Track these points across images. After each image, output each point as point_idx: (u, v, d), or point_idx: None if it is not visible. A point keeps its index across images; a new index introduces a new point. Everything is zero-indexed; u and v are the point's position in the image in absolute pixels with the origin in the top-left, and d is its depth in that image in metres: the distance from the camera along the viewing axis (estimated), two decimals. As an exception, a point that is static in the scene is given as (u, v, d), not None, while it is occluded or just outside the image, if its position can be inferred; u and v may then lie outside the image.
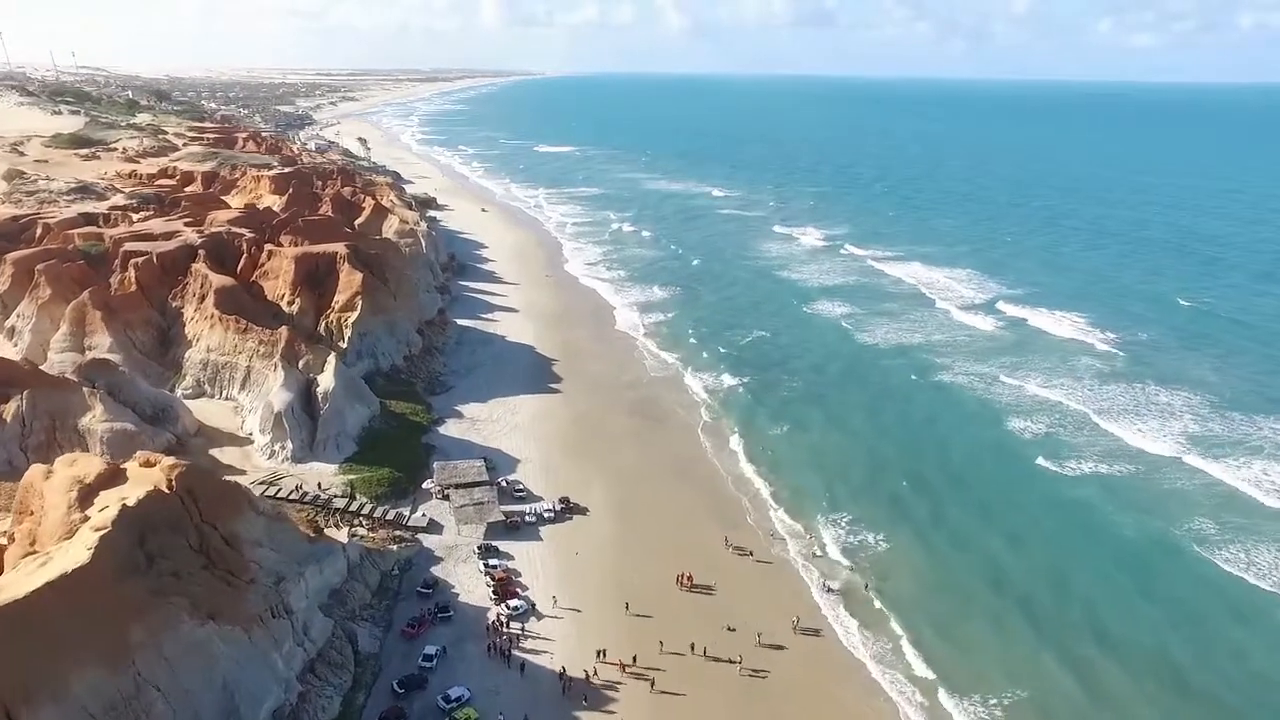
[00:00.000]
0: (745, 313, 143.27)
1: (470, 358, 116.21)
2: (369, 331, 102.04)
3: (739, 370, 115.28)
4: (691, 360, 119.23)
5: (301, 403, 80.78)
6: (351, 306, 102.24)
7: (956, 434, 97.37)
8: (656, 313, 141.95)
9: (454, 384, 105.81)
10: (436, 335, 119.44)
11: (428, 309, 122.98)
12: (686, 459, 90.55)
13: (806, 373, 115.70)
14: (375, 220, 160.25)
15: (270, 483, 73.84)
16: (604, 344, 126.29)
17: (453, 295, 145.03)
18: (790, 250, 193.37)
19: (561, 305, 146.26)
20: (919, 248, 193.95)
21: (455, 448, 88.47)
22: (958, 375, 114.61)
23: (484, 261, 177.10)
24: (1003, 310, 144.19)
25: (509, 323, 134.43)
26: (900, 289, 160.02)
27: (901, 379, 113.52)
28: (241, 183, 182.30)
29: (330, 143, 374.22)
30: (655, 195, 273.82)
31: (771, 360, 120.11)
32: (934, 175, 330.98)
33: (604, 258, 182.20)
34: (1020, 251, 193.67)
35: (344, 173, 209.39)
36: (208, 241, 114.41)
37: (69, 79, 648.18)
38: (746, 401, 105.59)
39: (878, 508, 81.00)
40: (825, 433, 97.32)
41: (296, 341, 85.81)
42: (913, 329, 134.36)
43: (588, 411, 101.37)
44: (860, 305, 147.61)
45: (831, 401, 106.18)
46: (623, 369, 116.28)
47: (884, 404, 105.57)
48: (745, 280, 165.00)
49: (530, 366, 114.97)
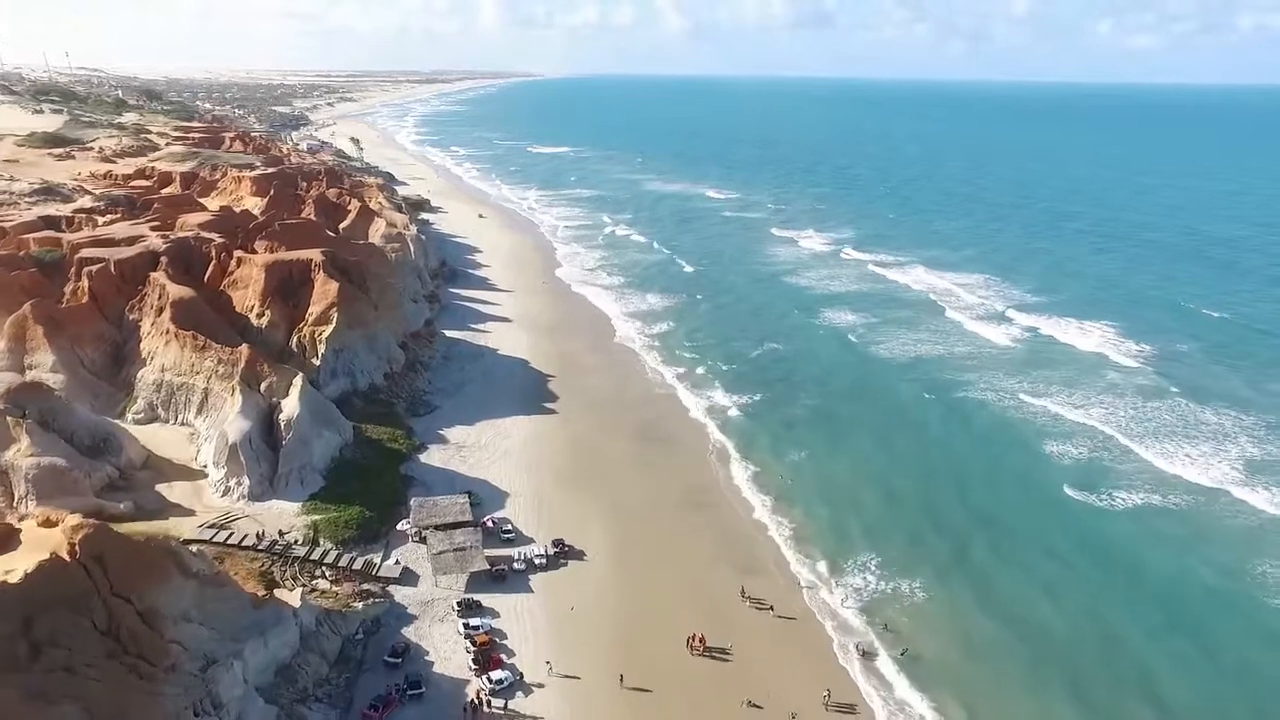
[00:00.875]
0: (749, 322, 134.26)
1: (458, 374, 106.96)
2: (345, 347, 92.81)
3: (747, 386, 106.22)
4: (696, 375, 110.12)
5: (261, 432, 71.56)
6: (326, 319, 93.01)
7: (979, 461, 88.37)
8: (658, 322, 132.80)
9: (439, 404, 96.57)
10: (422, 349, 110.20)
11: (413, 320, 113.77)
12: (694, 489, 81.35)
13: (817, 389, 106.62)
14: (361, 224, 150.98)
15: (221, 525, 64.61)
16: (603, 357, 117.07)
17: (442, 304, 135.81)
18: (792, 254, 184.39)
19: (558, 314, 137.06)
20: (923, 251, 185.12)
21: (437, 479, 79.25)
22: (975, 392, 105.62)
23: (477, 267, 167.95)
24: (1015, 320, 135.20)
25: (502, 334, 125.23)
26: (908, 296, 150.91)
27: (916, 397, 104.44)
28: (222, 184, 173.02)
29: (323, 143, 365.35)
30: (655, 197, 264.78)
31: (780, 375, 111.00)
32: (934, 176, 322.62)
33: (602, 263, 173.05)
34: (1026, 255, 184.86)
35: (331, 174, 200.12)
36: (173, 248, 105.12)
37: (63, 79, 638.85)
38: (757, 422, 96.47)
39: (903, 548, 72.04)
40: (841, 458, 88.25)
41: (259, 361, 76.54)
42: (925, 341, 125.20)
43: (586, 434, 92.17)
44: (868, 314, 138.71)
45: (845, 422, 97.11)
46: (623, 385, 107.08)
47: (900, 425, 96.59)
48: (748, 287, 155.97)
49: (523, 383, 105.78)
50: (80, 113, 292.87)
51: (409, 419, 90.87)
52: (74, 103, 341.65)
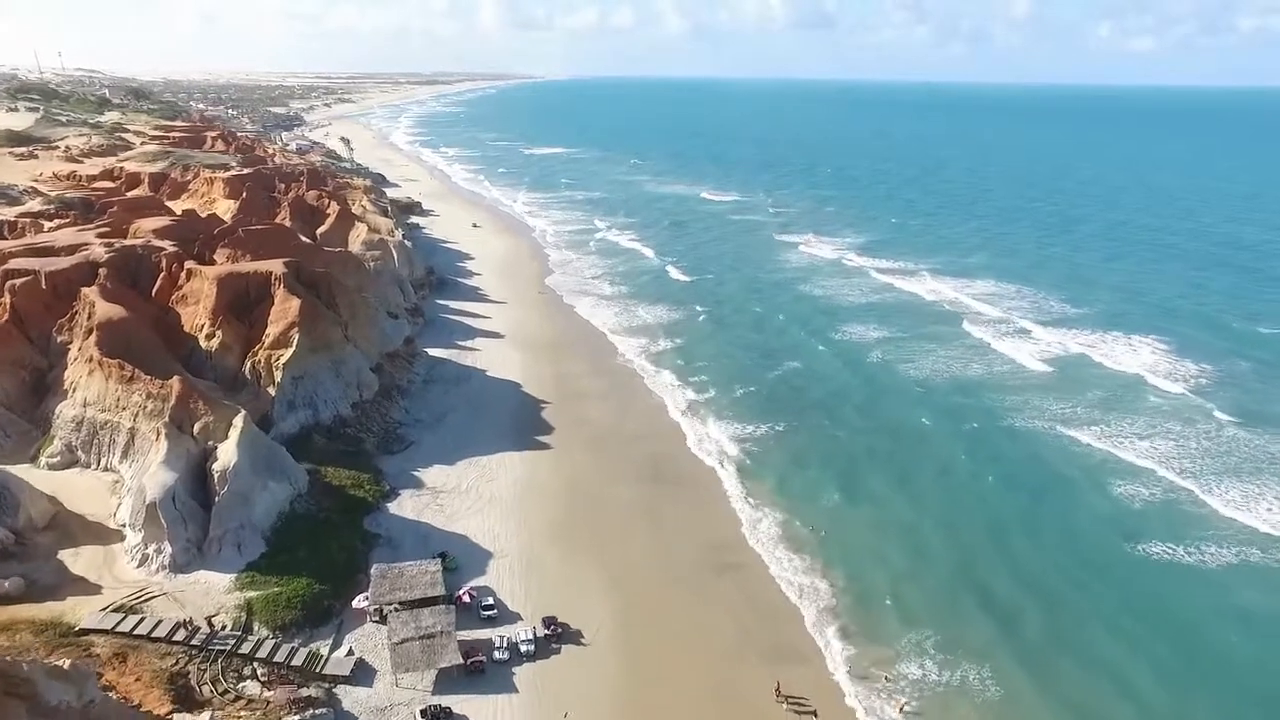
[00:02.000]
0: (757, 338, 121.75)
1: (440, 400, 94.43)
2: (307, 374, 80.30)
3: (762, 414, 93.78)
4: (706, 402, 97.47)
5: (190, 486, 59.08)
6: (285, 342, 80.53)
7: (1028, 508, 76.27)
8: (661, 338, 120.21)
9: (416, 438, 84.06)
10: (400, 372, 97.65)
11: (391, 338, 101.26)
12: (712, 546, 68.86)
13: (840, 418, 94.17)
14: (340, 229, 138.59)
15: (130, 608, 52.09)
16: (603, 380, 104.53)
17: (426, 319, 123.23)
18: (796, 261, 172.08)
19: (554, 329, 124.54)
20: (931, 257, 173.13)
21: (407, 535, 66.79)
22: (1011, 421, 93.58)
23: (468, 275, 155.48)
24: (1039, 336, 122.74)
25: (492, 352, 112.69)
26: (922, 308, 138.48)
27: (948, 429, 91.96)
28: (194, 186, 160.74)
29: (313, 144, 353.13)
30: (655, 199, 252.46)
31: (798, 401, 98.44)
32: (935, 178, 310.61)
33: (601, 271, 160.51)
34: (1040, 261, 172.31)
35: (314, 175, 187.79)
36: (116, 258, 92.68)
37: (57, 79, 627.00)
38: (777, 458, 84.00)
39: (965, 623, 60.04)
40: (877, 504, 76.04)
41: (192, 396, 64.00)
42: (948, 361, 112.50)
43: (584, 475, 79.66)
44: (884, 328, 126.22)
45: (876, 459, 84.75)
46: (626, 413, 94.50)
47: (935, 462, 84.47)
48: (752, 298, 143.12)
49: (514, 411, 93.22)
50: (58, 111, 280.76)
51: (379, 457, 78.39)
52: (55, 101, 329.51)
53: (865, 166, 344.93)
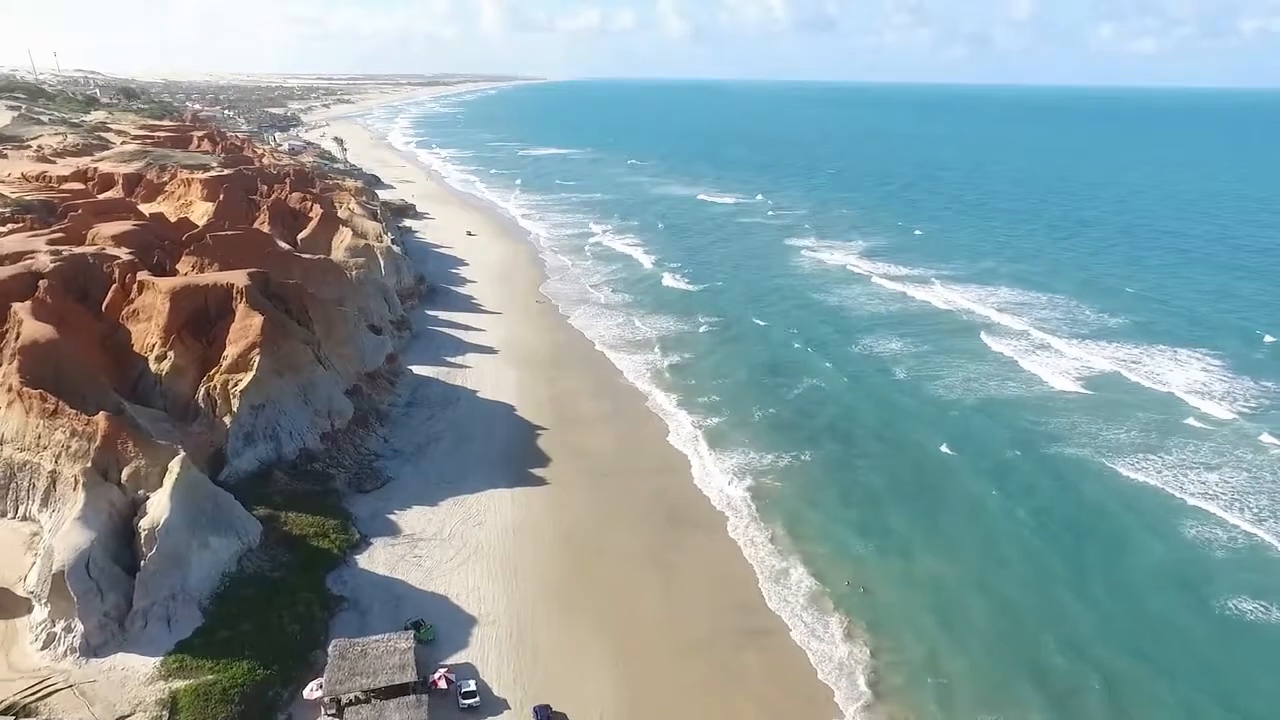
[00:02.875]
0: (768, 353, 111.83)
1: (424, 427, 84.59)
2: (269, 401, 70.57)
3: (778, 441, 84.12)
4: (717, 427, 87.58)
5: (113, 546, 49.36)
6: (244, 365, 70.81)
7: (1078, 557, 67.03)
8: (665, 353, 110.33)
9: (394, 473, 74.29)
10: (380, 394, 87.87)
11: (371, 356, 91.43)
12: (733, 609, 59.07)
13: (859, 444, 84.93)
14: (323, 234, 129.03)
15: (21, 709, 42.31)
16: (605, 402, 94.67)
17: (414, 332, 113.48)
18: (801, 268, 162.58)
19: (551, 343, 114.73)
20: (942, 264, 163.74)
21: (376, 598, 57.02)
22: (1046, 451, 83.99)
23: (461, 283, 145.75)
24: (1063, 350, 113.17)
25: (484, 369, 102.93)
26: (938, 320, 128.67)
27: (977, 459, 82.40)
28: (170, 187, 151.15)
29: (308, 144, 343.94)
30: (657, 202, 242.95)
31: (815, 425, 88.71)
32: (939, 179, 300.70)
33: (603, 279, 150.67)
34: (1055, 267, 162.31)
35: (301, 176, 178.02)
36: (64, 267, 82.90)
37: (52, 79, 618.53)
38: (796, 494, 74.37)
39: (1019, 707, 50.24)
40: (908, 551, 66.84)
41: (121, 435, 54.23)
42: (970, 381, 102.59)
43: (584, 517, 69.87)
44: (900, 343, 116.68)
45: (903, 494, 75.52)
46: (629, 441, 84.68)
47: (968, 500, 75.13)
48: (760, 308, 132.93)
49: (506, 440, 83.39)
50: (41, 110, 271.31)
51: (351, 497, 68.64)
52: (42, 100, 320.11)
53: (867, 167, 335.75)
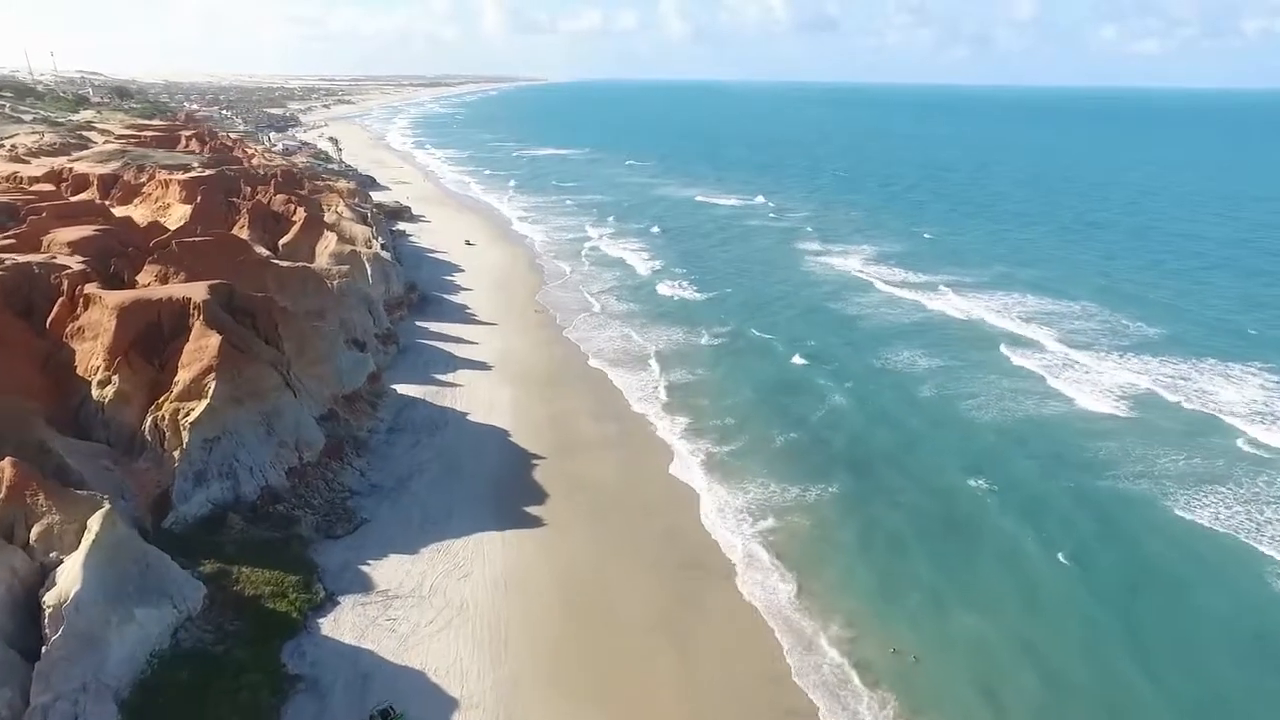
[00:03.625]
0: (776, 370, 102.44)
1: (408, 456, 75.98)
2: (226, 433, 62.01)
3: (801, 474, 74.92)
4: (731, 456, 78.54)
5: (9, 627, 40.73)
6: (198, 392, 62.27)
7: (1138, 620, 56.66)
8: (672, 369, 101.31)
9: (371, 513, 65.66)
10: (359, 419, 79.28)
11: (350, 376, 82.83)
12: (759, 677, 50.36)
13: (880, 478, 75.20)
14: (306, 239, 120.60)
15: None
16: (608, 426, 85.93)
17: (401, 346, 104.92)
18: (808, 275, 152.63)
19: (550, 357, 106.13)
20: (953, 269, 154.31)
21: (340, 677, 48.28)
22: (1086, 485, 74.05)
23: (455, 291, 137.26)
24: (1090, 366, 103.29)
25: (477, 388, 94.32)
26: (954, 332, 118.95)
27: (1011, 495, 72.11)
28: (148, 188, 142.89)
29: (303, 144, 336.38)
30: (660, 203, 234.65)
31: (830, 454, 79.19)
32: (942, 180, 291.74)
33: (605, 287, 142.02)
34: (1071, 273, 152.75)
35: (289, 177, 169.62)
36: (4, 278, 74.28)
37: (50, 79, 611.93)
38: (826, 537, 65.46)
39: None
40: (955, 607, 57.18)
41: (30, 486, 45.62)
42: (995, 403, 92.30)
43: (585, 566, 61.21)
44: (915, 358, 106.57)
45: (932, 537, 65.90)
46: (636, 472, 75.96)
47: (1004, 544, 65.27)
48: (767, 320, 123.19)
49: (498, 472, 74.73)
50: (25, 109, 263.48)
51: (319, 544, 60.04)
52: (30, 99, 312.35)
53: (870, 168, 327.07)
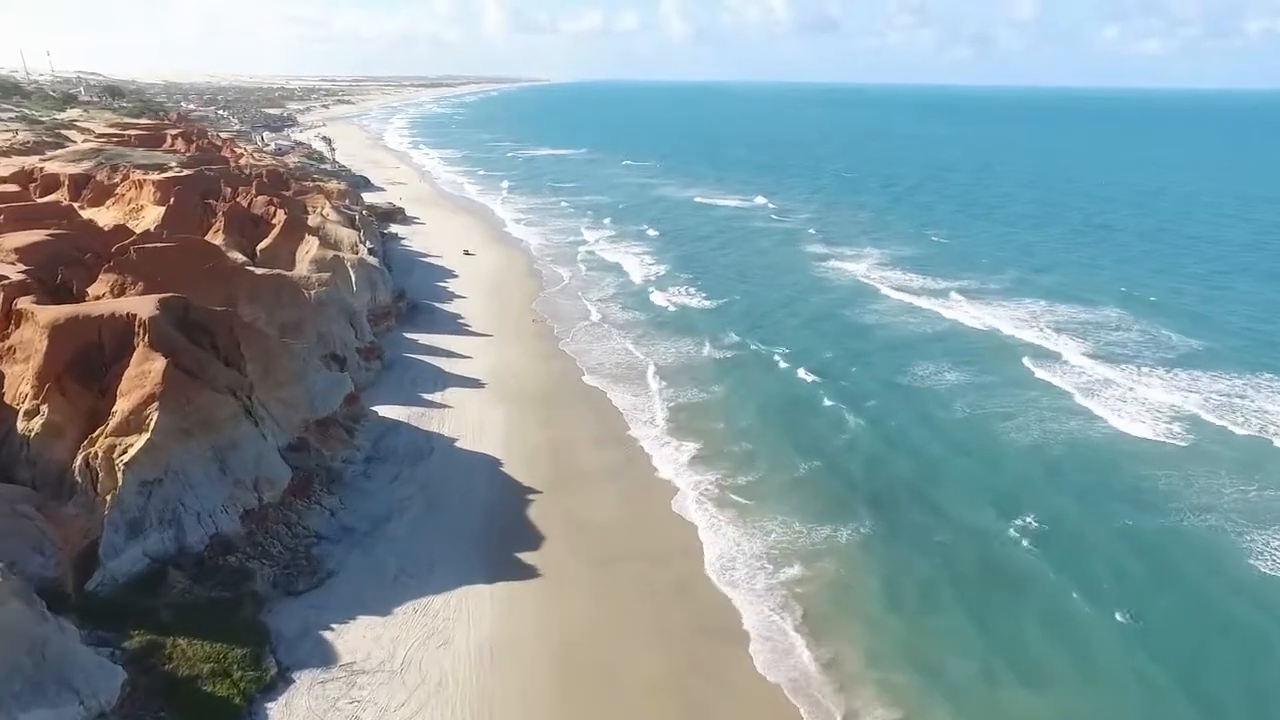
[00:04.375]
0: (784, 389, 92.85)
1: (386, 492, 67.40)
2: (170, 472, 53.48)
3: (819, 512, 65.84)
4: (742, 491, 69.15)
5: None
6: (138, 425, 53.77)
7: (1217, 681, 48.34)
8: (675, 388, 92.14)
9: (339, 562, 57.11)
10: (333, 447, 70.68)
11: (324, 398, 74.24)
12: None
13: (903, 518, 65.69)
14: (285, 244, 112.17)
15: None
16: (609, 451, 77.28)
17: (386, 361, 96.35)
18: (814, 282, 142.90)
19: (548, 373, 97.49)
20: (965, 275, 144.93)
21: (287, 782, 40.01)
22: (1133, 526, 65.00)
23: (448, 299, 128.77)
24: (1122, 383, 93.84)
25: (466, 409, 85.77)
26: (972, 343, 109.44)
27: (1050, 541, 62.84)
28: (121, 189, 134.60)
29: (297, 144, 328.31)
30: (663, 205, 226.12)
31: (860, 491, 69.71)
32: (946, 182, 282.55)
33: (606, 295, 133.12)
34: (1087, 279, 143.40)
35: (274, 177, 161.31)
36: (-68, 291, 66.18)
37: (43, 79, 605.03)
38: (851, 591, 56.33)
39: None
40: (1005, 678, 48.08)
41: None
42: (1024, 428, 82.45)
43: (588, 631, 52.49)
44: (932, 374, 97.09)
45: (967, 587, 57.04)
46: (641, 510, 67.03)
47: (1048, 599, 56.35)
48: (774, 332, 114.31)
49: (488, 510, 66.07)
50: (8, 107, 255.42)
51: (276, 602, 51.49)
52: (16, 98, 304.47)
53: (872, 169, 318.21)
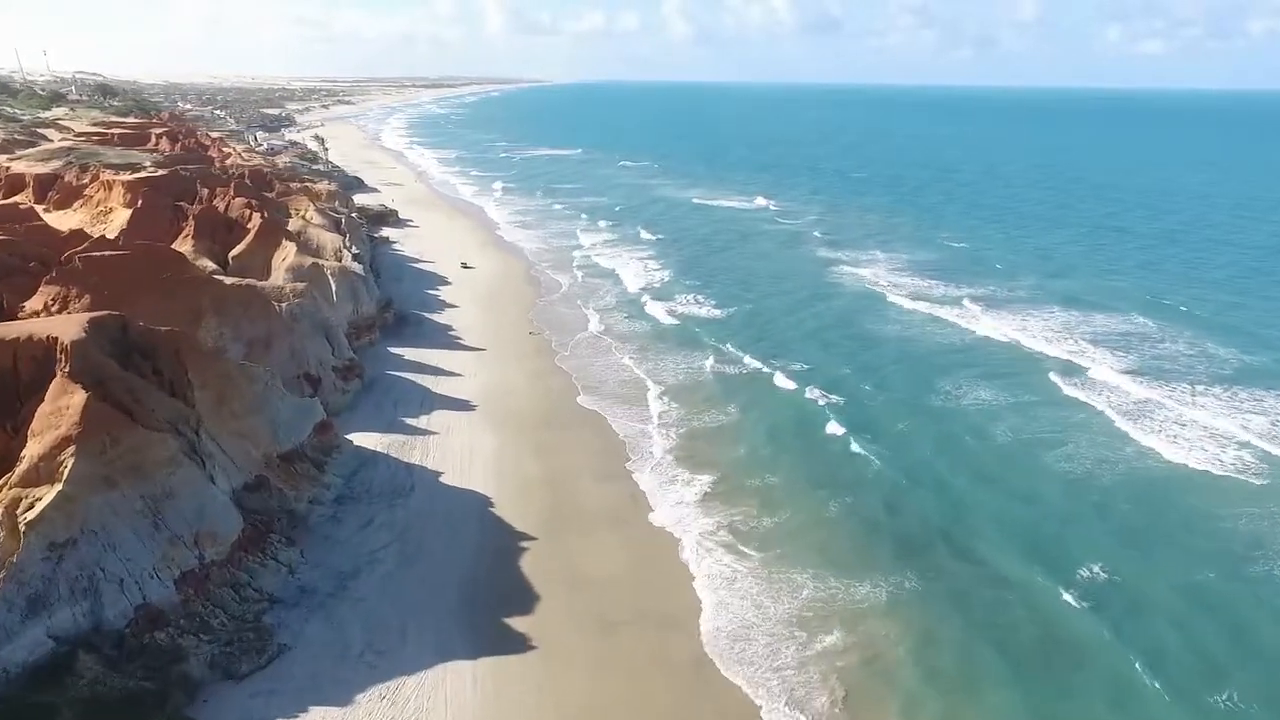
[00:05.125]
0: (802, 412, 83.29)
1: (356, 541, 58.30)
2: (87, 532, 44.41)
3: (843, 565, 56.66)
4: (770, 540, 59.95)
5: None
6: (48, 474, 44.83)
7: None
8: (692, 409, 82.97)
9: (294, 634, 47.95)
10: (298, 486, 61.56)
11: (289, 429, 65.19)
12: None
13: (952, 568, 56.97)
14: (260, 250, 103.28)
15: None
16: (612, 488, 67.92)
17: (366, 380, 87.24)
18: (822, 288, 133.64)
19: (544, 393, 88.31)
20: (981, 283, 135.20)
21: None
22: (1208, 580, 55.89)
23: (440, 308, 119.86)
24: (1173, 409, 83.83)
25: (454, 435, 76.73)
26: (999, 360, 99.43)
27: (1120, 597, 54.42)
28: (90, 190, 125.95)
29: (291, 143, 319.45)
30: (658, 204, 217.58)
31: (885, 536, 60.45)
32: (952, 181, 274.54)
33: (609, 304, 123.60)
34: (1109, 286, 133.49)
35: (257, 177, 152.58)
36: None
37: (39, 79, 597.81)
38: (887, 665, 47.75)
39: None
40: None
41: None
42: (1069, 458, 73.01)
43: (589, 718, 43.73)
44: (959, 392, 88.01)
45: (1031, 661, 48.32)
46: (652, 568, 57.34)
47: (1111, 677, 47.46)
48: (786, 341, 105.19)
49: (474, 563, 56.93)
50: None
51: (211, 692, 42.44)
52: (3, 96, 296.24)
53: (877, 169, 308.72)
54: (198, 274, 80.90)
